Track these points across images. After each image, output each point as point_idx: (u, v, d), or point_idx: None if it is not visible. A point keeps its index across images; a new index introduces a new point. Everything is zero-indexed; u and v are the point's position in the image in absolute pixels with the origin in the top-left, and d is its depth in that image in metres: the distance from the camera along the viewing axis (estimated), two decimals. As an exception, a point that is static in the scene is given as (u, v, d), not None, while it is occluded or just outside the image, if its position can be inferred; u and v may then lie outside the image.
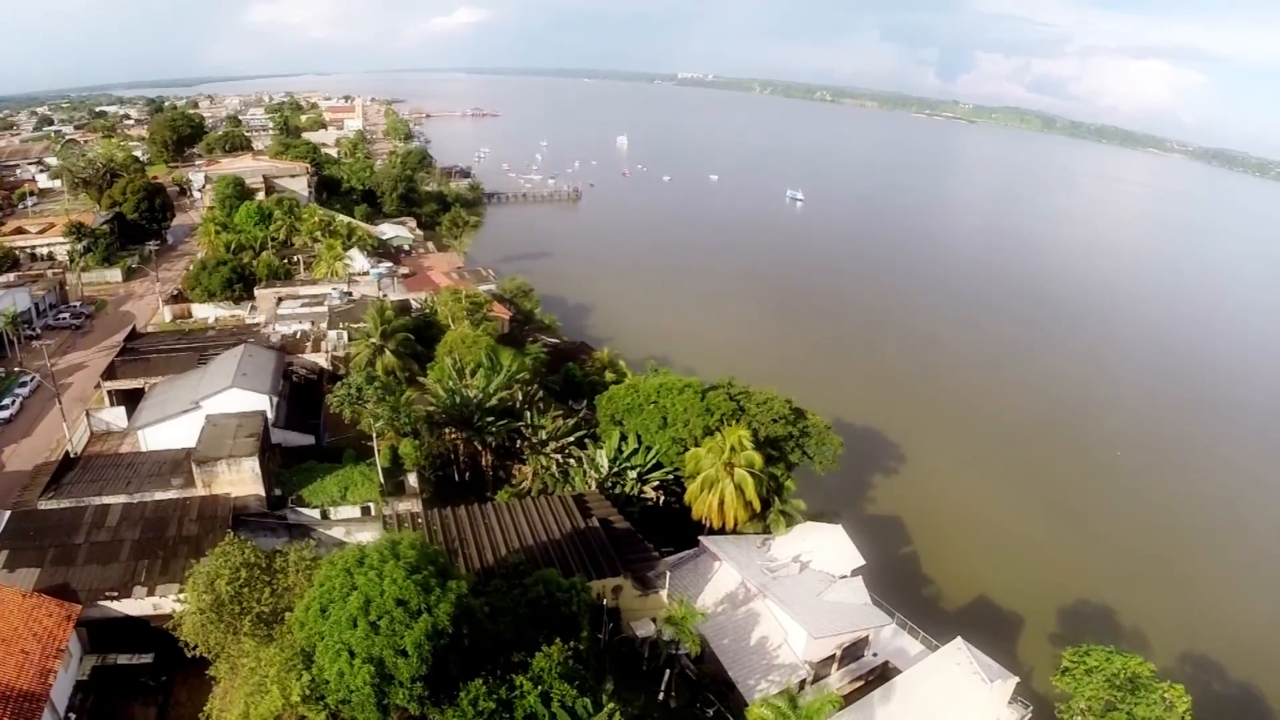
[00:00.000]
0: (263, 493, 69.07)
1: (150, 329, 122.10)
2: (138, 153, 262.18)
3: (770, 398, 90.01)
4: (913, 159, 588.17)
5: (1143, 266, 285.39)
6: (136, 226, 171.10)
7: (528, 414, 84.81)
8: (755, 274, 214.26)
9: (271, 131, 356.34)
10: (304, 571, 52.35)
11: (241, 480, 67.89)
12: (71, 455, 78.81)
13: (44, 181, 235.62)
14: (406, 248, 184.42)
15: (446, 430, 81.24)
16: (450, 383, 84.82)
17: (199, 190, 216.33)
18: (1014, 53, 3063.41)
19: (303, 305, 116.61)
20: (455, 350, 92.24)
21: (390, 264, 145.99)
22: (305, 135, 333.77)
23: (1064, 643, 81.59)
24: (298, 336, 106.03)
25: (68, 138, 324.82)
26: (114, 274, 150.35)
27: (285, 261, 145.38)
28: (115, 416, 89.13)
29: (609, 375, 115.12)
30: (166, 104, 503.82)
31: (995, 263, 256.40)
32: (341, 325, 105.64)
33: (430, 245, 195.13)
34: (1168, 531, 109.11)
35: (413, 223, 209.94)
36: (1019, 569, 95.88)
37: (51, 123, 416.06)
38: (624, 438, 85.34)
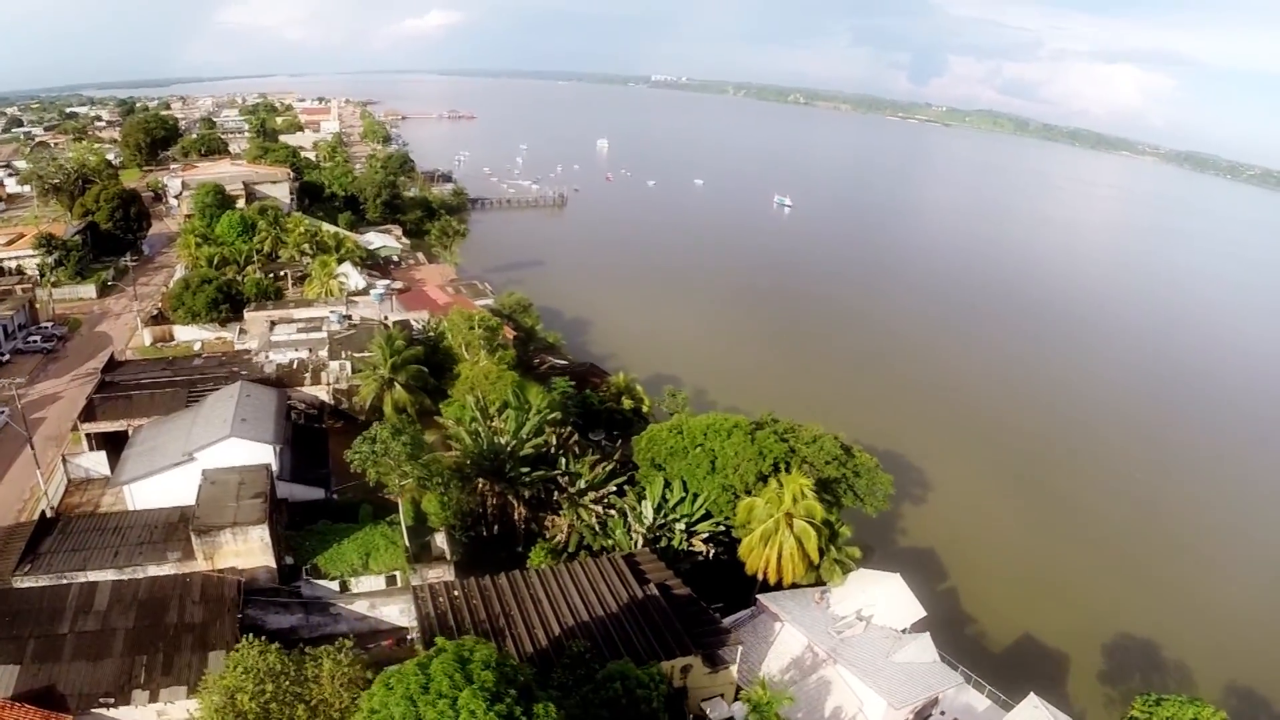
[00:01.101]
0: (273, 564, 60.24)
1: (129, 353, 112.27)
2: (110, 156, 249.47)
3: (818, 435, 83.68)
4: (894, 162, 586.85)
5: (1136, 274, 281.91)
6: (111, 237, 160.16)
7: (562, 460, 76.08)
8: (751, 284, 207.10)
9: (247, 134, 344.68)
10: (340, 680, 44.05)
11: (249, 551, 58.97)
12: (48, 514, 69.34)
13: (12, 186, 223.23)
14: (395, 259, 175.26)
15: (478, 482, 72.24)
16: (475, 425, 75.95)
17: (175, 197, 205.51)
18: (986, 56, 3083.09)
19: (299, 330, 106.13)
20: (477, 387, 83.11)
21: (388, 281, 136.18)
22: (282, 138, 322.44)
23: (1111, 681, 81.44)
24: (294, 366, 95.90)
25: (37, 140, 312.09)
26: (87, 290, 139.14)
27: (273, 278, 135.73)
28: (95, 462, 79.11)
29: (626, 402, 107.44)
30: (139, 105, 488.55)
31: (990, 271, 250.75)
32: (344, 355, 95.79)
33: (419, 255, 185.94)
34: (1198, 554, 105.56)
35: (398, 231, 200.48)
36: (1056, 604, 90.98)
37: (21, 124, 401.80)
38: (667, 484, 77.17)
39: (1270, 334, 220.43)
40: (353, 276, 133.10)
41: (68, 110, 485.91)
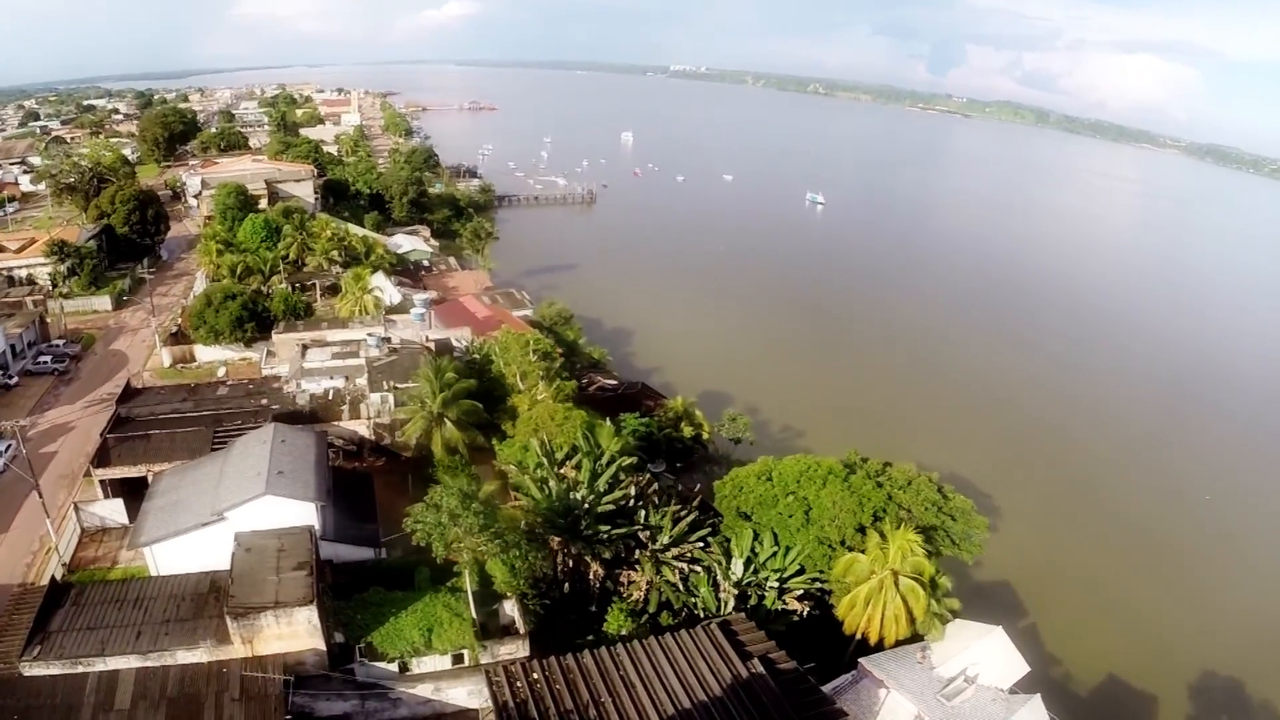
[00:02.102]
0: (322, 645, 51.68)
1: (147, 374, 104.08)
2: (127, 151, 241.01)
3: (913, 478, 75.98)
4: (921, 155, 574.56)
5: (1195, 275, 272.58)
6: (127, 241, 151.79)
7: (641, 512, 67.20)
8: (791, 287, 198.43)
9: (267, 127, 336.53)
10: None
11: (294, 634, 50.48)
12: (59, 575, 61.01)
13: (26, 184, 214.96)
14: (426, 263, 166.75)
15: (551, 540, 63.34)
16: (542, 473, 67.23)
17: (195, 196, 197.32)
18: (1005, 47, 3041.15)
19: (333, 356, 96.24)
20: (542, 428, 74.19)
21: (425, 296, 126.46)
22: (303, 131, 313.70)
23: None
24: (330, 397, 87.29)
25: (53, 135, 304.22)
26: (102, 301, 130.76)
27: (300, 289, 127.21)
28: (112, 511, 70.71)
29: (685, 429, 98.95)
30: (156, 97, 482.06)
31: (1040, 273, 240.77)
32: (386, 385, 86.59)
33: (450, 260, 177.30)
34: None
35: (426, 231, 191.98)
36: (1139, 639, 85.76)
37: (38, 117, 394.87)
38: (757, 536, 68.56)
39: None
40: (388, 290, 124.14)
41: (85, 103, 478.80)
